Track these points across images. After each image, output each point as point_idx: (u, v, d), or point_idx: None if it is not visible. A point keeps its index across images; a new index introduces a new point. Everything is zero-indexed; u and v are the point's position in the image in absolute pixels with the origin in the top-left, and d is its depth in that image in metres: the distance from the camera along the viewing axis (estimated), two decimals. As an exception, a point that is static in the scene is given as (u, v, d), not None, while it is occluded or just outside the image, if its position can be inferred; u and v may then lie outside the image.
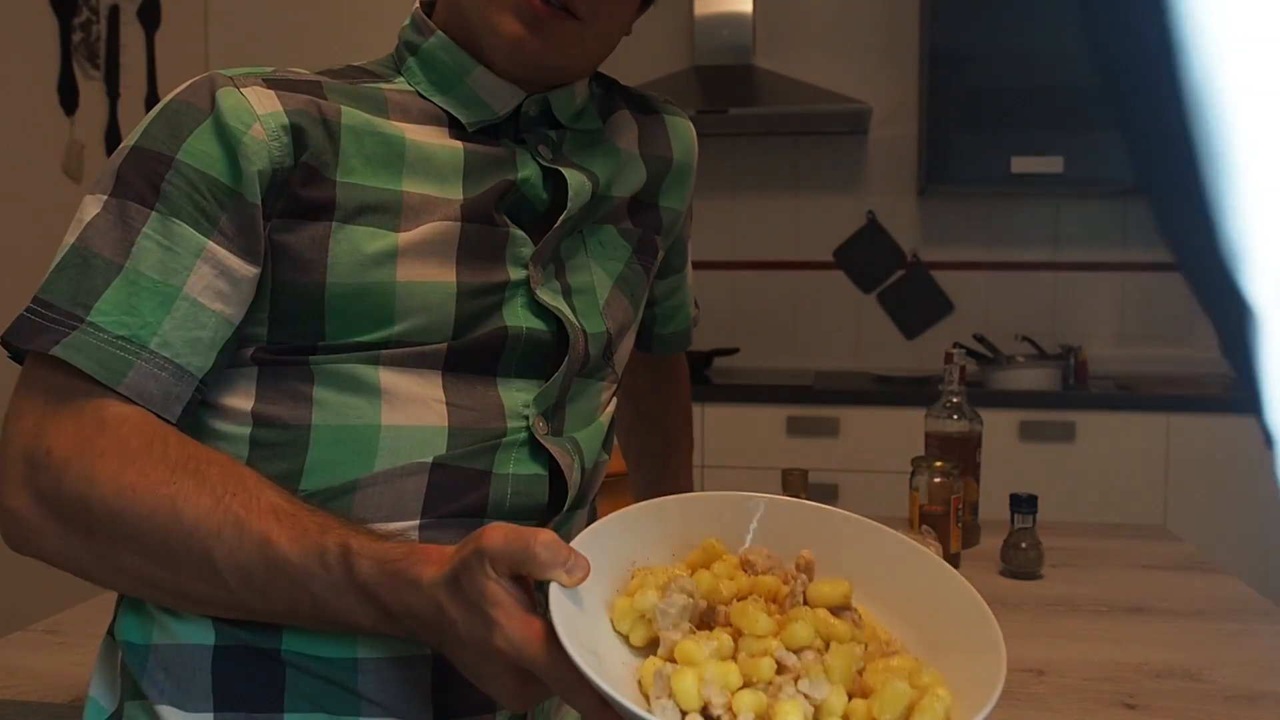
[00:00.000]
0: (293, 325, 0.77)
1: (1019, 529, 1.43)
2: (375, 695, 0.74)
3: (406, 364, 0.77)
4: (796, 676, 0.59)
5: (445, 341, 0.79)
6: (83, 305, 0.72)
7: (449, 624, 0.64)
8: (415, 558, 0.66)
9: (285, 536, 0.68)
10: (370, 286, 0.76)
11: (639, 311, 0.96)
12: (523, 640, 0.61)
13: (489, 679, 0.65)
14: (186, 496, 0.69)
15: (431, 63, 0.86)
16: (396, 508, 0.76)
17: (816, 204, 3.47)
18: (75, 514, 0.70)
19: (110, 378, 0.72)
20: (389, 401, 0.76)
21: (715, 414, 3.00)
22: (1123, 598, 1.34)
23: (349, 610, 0.69)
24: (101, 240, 0.74)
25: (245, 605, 0.71)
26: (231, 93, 0.77)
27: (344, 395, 0.76)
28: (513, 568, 0.62)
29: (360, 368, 0.76)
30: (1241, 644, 1.17)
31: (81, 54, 2.60)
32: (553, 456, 0.81)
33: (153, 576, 0.72)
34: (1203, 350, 3.32)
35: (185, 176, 0.75)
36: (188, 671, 0.76)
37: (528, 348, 0.82)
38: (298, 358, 0.77)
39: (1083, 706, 1.01)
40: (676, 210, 1.03)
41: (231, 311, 0.76)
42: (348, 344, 0.77)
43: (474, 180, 0.82)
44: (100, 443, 0.70)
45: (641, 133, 0.98)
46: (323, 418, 0.76)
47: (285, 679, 0.74)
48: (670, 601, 0.62)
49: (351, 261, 0.76)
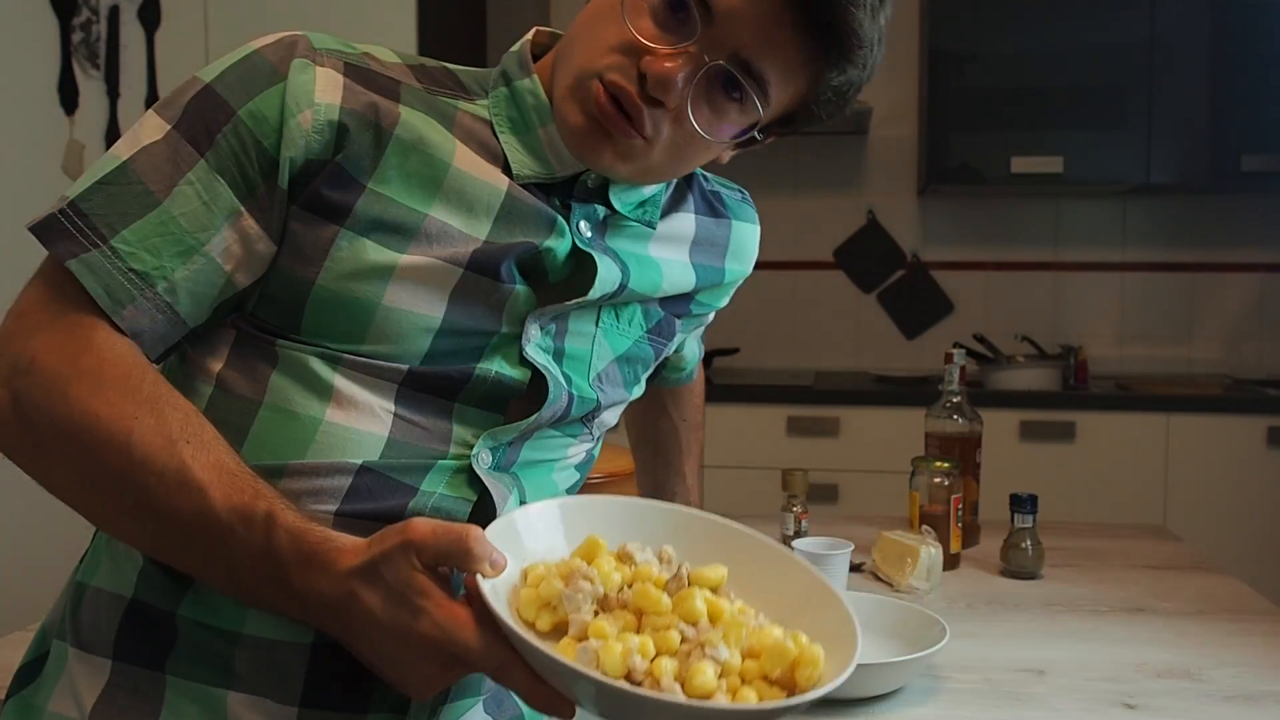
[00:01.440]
0: (275, 308, 0.79)
1: (1019, 529, 1.43)
2: (248, 673, 0.75)
3: (364, 371, 0.78)
4: (699, 644, 0.66)
5: (408, 365, 0.79)
6: (111, 227, 0.74)
7: (362, 612, 0.67)
8: (331, 544, 0.69)
9: (220, 492, 0.70)
10: (355, 300, 0.77)
11: (636, 387, 0.95)
12: (453, 626, 0.65)
13: (405, 664, 0.68)
14: (143, 433, 0.71)
15: (517, 102, 0.85)
16: (315, 500, 0.76)
17: (816, 204, 3.47)
18: (41, 424, 0.72)
19: (111, 306, 0.74)
20: (338, 401, 0.77)
21: (715, 414, 2.99)
22: (1123, 598, 1.34)
23: (256, 578, 0.70)
24: (151, 170, 0.75)
25: (167, 549, 0.74)
26: (306, 67, 0.77)
27: (296, 385, 0.77)
28: (439, 560, 0.66)
29: (318, 364, 0.77)
30: (1241, 644, 1.17)
31: (81, 54, 2.60)
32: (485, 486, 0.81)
33: (91, 501, 0.74)
34: (1203, 350, 3.33)
35: (239, 136, 0.76)
36: (101, 617, 0.78)
37: (493, 389, 0.81)
38: (269, 336, 0.78)
39: (1083, 706, 1.01)
40: (711, 306, 1.03)
41: (242, 278, 0.78)
42: (315, 343, 0.78)
43: (502, 227, 0.81)
44: (83, 362, 0.72)
45: (698, 238, 0.96)
46: (273, 399, 0.77)
47: (175, 642, 0.76)
48: (576, 587, 0.68)
49: (346, 270, 0.77)
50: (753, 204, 1.06)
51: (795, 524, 1.52)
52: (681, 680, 0.64)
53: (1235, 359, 3.32)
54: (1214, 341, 3.32)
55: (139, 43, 2.78)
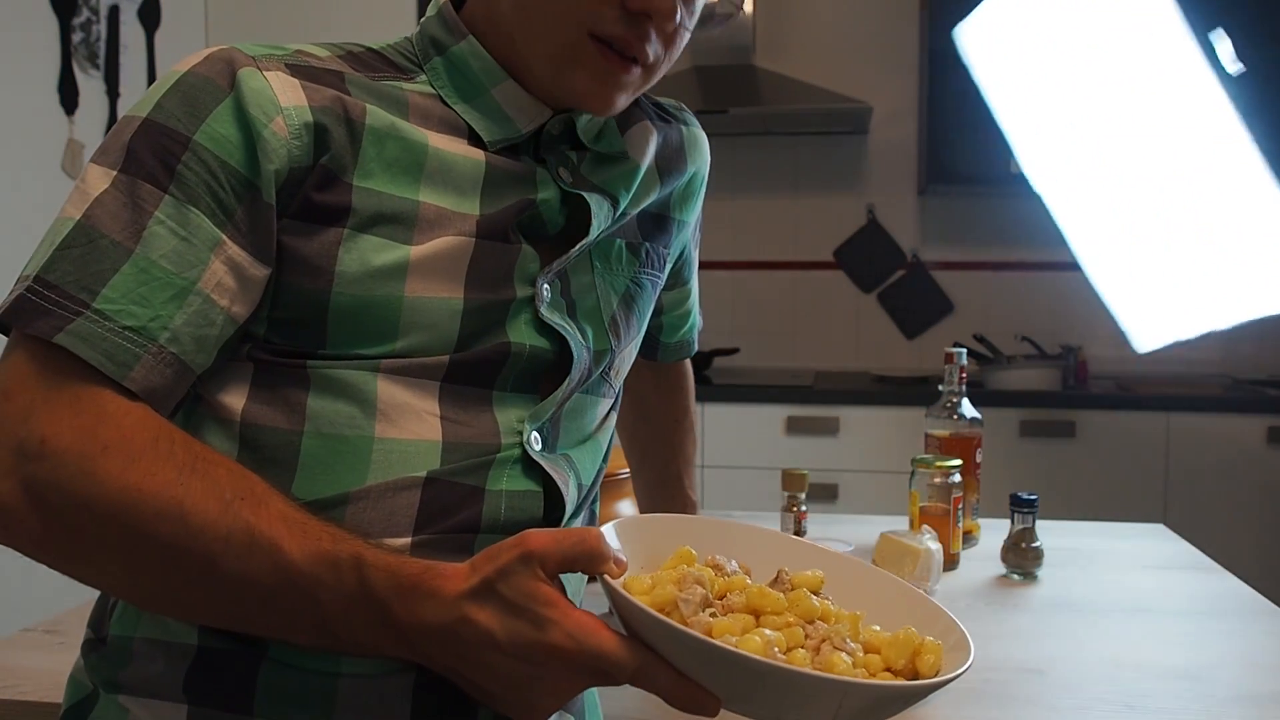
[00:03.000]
0: (293, 329, 0.75)
1: (1019, 529, 1.43)
2: (351, 709, 0.72)
3: (405, 374, 0.76)
4: (824, 638, 0.67)
5: (447, 354, 0.77)
6: (88, 290, 0.68)
7: (479, 636, 0.63)
8: (434, 572, 0.65)
9: (295, 544, 0.66)
10: (377, 300, 0.74)
11: (643, 325, 0.95)
12: (586, 633, 0.62)
13: (530, 683, 0.64)
14: (194, 499, 0.66)
15: (460, 68, 0.83)
16: (389, 523, 0.73)
17: (816, 204, 3.47)
18: (67, 509, 0.66)
19: (117, 371, 0.68)
20: (384, 413, 0.74)
21: (715, 414, 3.00)
22: (1123, 598, 1.34)
23: (355, 623, 0.67)
24: (110, 220, 0.70)
25: (238, 616, 0.69)
26: (254, 75, 0.73)
27: (338, 404, 0.74)
28: (566, 565, 0.63)
29: (358, 374, 0.74)
30: (1241, 644, 1.17)
31: (81, 54, 2.60)
32: (547, 472, 0.80)
33: (142, 581, 0.69)
34: (1203, 350, 3.32)
35: (203, 161, 0.71)
36: (163, 668, 0.74)
37: (528, 365, 0.80)
38: (295, 360, 0.75)
39: (1083, 706, 1.01)
40: (687, 222, 1.02)
41: (239, 310, 0.73)
42: (348, 354, 0.75)
43: (492, 195, 0.80)
44: (104, 435, 0.66)
45: (659, 144, 0.96)
46: (315, 426, 0.74)
47: (260, 686, 0.72)
48: (691, 592, 0.67)
49: (360, 273, 0.74)
50: (691, 112, 1.06)
51: (795, 524, 1.52)
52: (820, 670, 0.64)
53: (1235, 359, 3.32)
54: (1214, 341, 3.32)
55: (139, 43, 2.78)
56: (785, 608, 0.68)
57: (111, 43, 2.69)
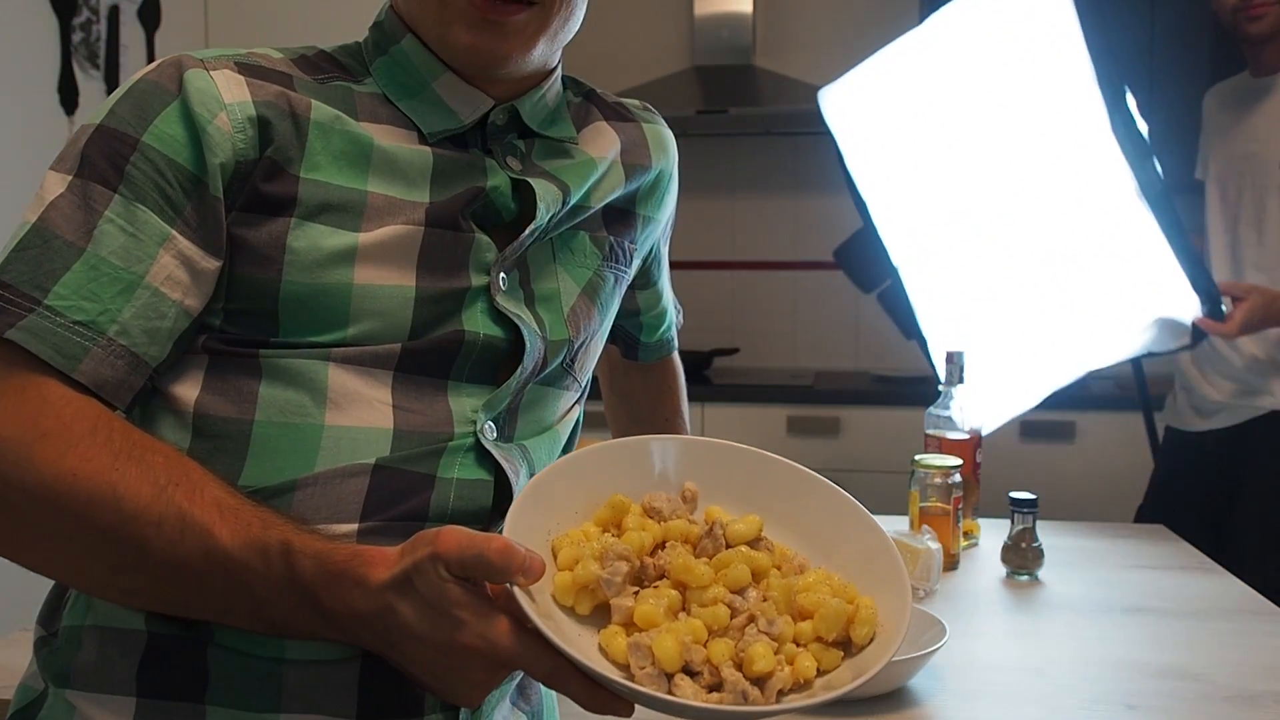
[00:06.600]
0: (247, 319, 0.77)
1: (1019, 529, 1.43)
2: (299, 693, 0.73)
3: (357, 362, 0.77)
4: (750, 616, 0.66)
5: (400, 342, 0.78)
6: (40, 288, 0.71)
7: (401, 625, 0.65)
8: (360, 559, 0.66)
9: (227, 530, 0.67)
10: (327, 287, 0.76)
11: (607, 319, 0.95)
12: (494, 636, 0.63)
13: (451, 674, 0.66)
14: (129, 484, 0.67)
15: (401, 64, 0.85)
16: (336, 509, 0.74)
17: (816, 204, 3.47)
18: (5, 495, 0.68)
19: (65, 364, 0.70)
20: (334, 401, 0.76)
21: (715, 414, 3.00)
22: (1123, 598, 1.34)
23: (286, 609, 0.68)
24: (64, 222, 0.73)
25: (175, 600, 0.71)
26: (200, 75, 0.76)
27: (289, 392, 0.76)
28: (465, 573, 0.64)
29: (309, 363, 0.76)
30: (1241, 644, 1.17)
31: (81, 54, 2.60)
32: (499, 462, 0.80)
33: (83, 566, 0.70)
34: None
35: (150, 160, 0.74)
36: (113, 657, 0.75)
37: (483, 354, 0.81)
38: (248, 350, 0.76)
39: (1083, 706, 1.01)
40: (655, 219, 1.01)
41: (192, 303, 0.75)
42: (300, 342, 0.76)
43: (442, 185, 0.82)
44: (43, 423, 0.68)
45: (621, 140, 0.96)
46: (265, 415, 0.75)
47: (211, 673, 0.73)
48: (613, 570, 0.67)
49: (309, 260, 0.76)
50: (655, 110, 1.05)
51: (795, 524, 1.52)
52: (739, 663, 0.64)
53: (1235, 359, 3.31)
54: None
55: (139, 43, 2.78)
56: (712, 580, 0.68)
57: (111, 43, 2.69)
